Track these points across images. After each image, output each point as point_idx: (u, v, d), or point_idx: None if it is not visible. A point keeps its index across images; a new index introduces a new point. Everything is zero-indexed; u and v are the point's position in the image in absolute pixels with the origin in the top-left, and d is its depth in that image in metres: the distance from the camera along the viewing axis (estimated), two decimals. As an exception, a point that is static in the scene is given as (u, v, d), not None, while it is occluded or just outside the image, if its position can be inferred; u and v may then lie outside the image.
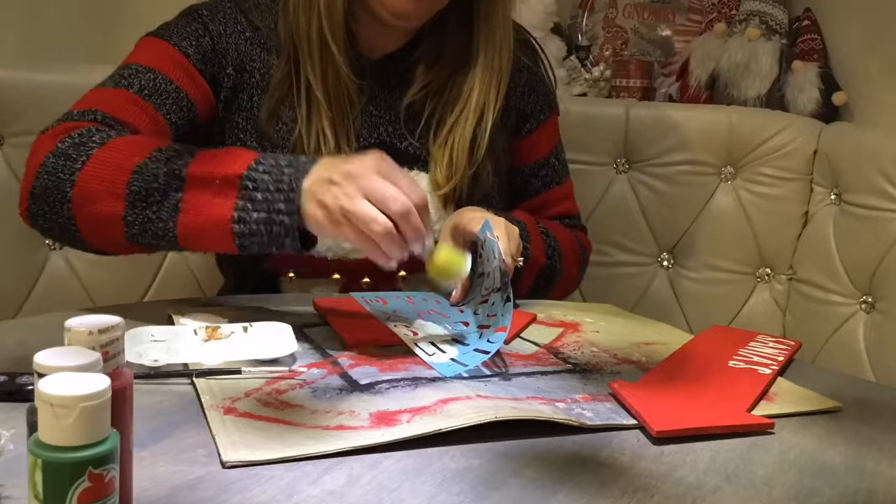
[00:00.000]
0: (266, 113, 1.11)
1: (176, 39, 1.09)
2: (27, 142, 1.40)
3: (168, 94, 1.04)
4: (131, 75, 1.05)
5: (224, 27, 1.12)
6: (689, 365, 0.93)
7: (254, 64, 1.12)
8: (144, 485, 0.58)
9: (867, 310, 1.39)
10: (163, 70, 1.05)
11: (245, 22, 1.14)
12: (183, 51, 1.08)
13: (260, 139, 1.11)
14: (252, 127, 1.12)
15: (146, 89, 1.04)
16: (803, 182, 1.52)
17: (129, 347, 0.81)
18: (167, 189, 0.88)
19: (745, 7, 1.79)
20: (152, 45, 1.09)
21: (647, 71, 1.84)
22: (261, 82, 1.12)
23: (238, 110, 1.12)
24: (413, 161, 1.15)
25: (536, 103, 1.26)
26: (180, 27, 1.11)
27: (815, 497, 0.66)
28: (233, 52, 1.11)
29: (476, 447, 0.69)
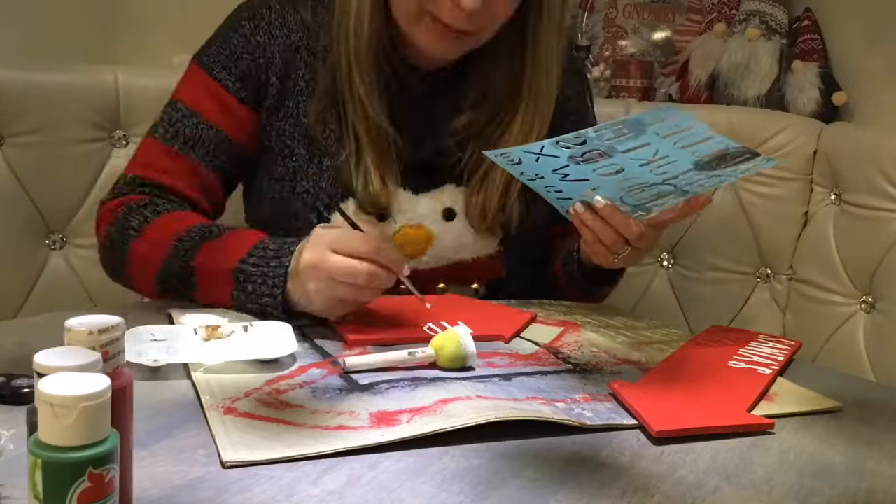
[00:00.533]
0: (313, 118, 1.10)
1: (217, 70, 1.11)
2: (27, 142, 1.41)
3: (209, 140, 1.11)
4: (177, 122, 1.12)
5: (269, 36, 1.11)
6: (689, 365, 0.93)
7: (298, 71, 1.12)
8: (144, 485, 0.58)
9: (867, 310, 1.39)
10: (204, 112, 1.11)
11: (294, 20, 1.12)
12: (222, 83, 1.11)
13: (308, 145, 1.11)
14: (299, 133, 1.11)
15: (189, 140, 1.11)
16: (803, 182, 1.52)
17: (128, 347, 0.81)
18: (183, 278, 1.02)
19: (745, 7, 1.79)
20: (197, 78, 1.13)
21: (647, 71, 1.84)
22: (306, 89, 1.11)
23: (285, 117, 1.12)
24: (460, 178, 1.13)
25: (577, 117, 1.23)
26: (221, 49, 1.12)
27: (815, 497, 0.66)
28: (277, 62, 1.11)
29: (476, 447, 0.69)
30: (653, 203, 0.92)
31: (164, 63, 1.61)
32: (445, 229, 1.13)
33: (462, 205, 1.13)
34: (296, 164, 1.11)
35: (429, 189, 1.13)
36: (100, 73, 1.45)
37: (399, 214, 1.11)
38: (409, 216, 1.12)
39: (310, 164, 1.11)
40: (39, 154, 1.41)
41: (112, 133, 1.46)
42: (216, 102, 1.11)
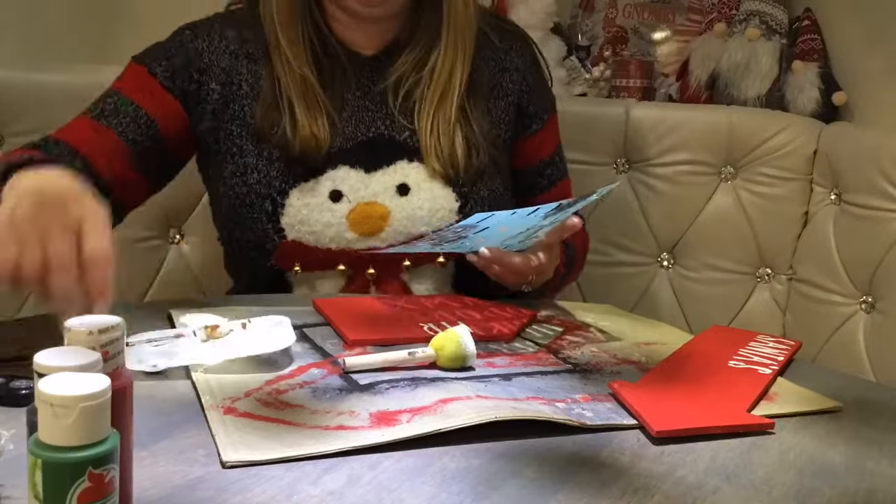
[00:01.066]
0: (259, 117, 1.16)
1: (148, 60, 1.17)
2: (27, 142, 1.41)
3: (126, 114, 1.14)
4: (100, 100, 1.16)
5: (208, 44, 1.18)
6: (689, 365, 0.93)
7: (241, 76, 1.17)
8: (144, 485, 0.58)
9: (867, 310, 1.39)
10: (126, 92, 1.16)
11: (232, 34, 1.19)
12: (151, 70, 1.16)
13: (256, 142, 1.15)
14: (247, 133, 1.16)
15: (106, 111, 1.14)
16: (803, 182, 1.52)
17: (128, 354, 0.81)
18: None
19: (745, 7, 1.79)
20: (129, 69, 1.19)
21: (647, 71, 1.84)
22: (250, 92, 1.17)
23: (231, 119, 1.17)
24: (412, 153, 1.17)
25: (540, 104, 1.28)
26: (159, 48, 1.19)
27: (815, 497, 0.66)
28: (216, 69, 1.17)
29: (476, 447, 0.69)
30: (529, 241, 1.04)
31: (164, 63, 1.61)
32: (400, 204, 1.15)
33: (414, 179, 1.16)
34: (245, 160, 1.15)
35: (380, 167, 1.16)
36: (100, 73, 1.45)
37: (352, 193, 1.14)
38: (363, 194, 1.15)
39: (259, 157, 1.15)
40: (39, 154, 1.41)
41: (112, 133, 1.46)
42: (139, 84, 1.16)
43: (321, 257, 1.14)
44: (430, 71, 1.19)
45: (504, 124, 1.24)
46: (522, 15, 1.67)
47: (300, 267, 1.15)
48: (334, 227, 1.13)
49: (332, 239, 1.14)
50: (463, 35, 1.19)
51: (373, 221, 1.14)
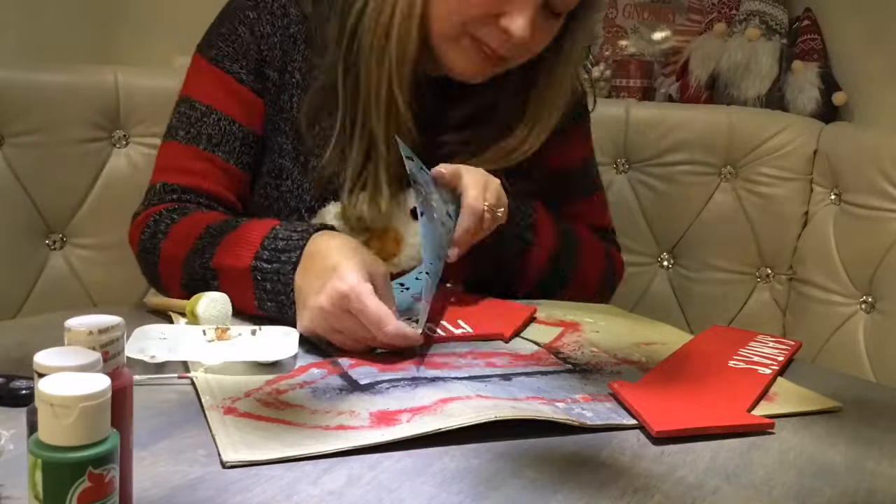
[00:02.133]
0: (305, 114, 1.08)
1: (228, 63, 1.09)
2: (27, 142, 1.41)
3: (234, 136, 1.08)
4: (197, 121, 1.08)
5: (271, 26, 1.09)
6: (689, 365, 0.93)
7: (295, 63, 1.10)
8: (144, 485, 0.58)
9: (867, 310, 1.39)
10: (223, 108, 1.08)
11: (294, 11, 1.10)
12: (236, 76, 1.08)
13: (295, 142, 1.09)
14: (290, 128, 1.09)
15: (214, 138, 1.07)
16: (803, 182, 1.52)
17: (133, 343, 0.82)
18: (206, 278, 0.97)
19: (745, 7, 1.79)
20: (207, 74, 1.09)
21: (647, 71, 1.84)
22: (301, 82, 1.09)
23: (279, 112, 1.10)
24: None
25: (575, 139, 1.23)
26: (228, 41, 1.09)
27: (815, 497, 0.66)
28: (276, 54, 1.09)
29: (476, 447, 0.69)
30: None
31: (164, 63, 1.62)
32: (413, 228, 1.10)
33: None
34: (282, 161, 1.09)
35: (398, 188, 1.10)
36: (100, 73, 1.46)
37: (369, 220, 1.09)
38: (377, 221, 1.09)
39: (296, 162, 1.09)
40: (39, 154, 1.41)
41: (112, 133, 1.46)
42: (233, 97, 1.08)
43: None
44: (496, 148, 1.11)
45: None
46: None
47: None
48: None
49: None
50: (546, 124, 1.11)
51: (387, 246, 1.09)
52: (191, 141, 1.07)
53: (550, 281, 1.17)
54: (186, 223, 1.02)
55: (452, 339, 0.95)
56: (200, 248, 0.97)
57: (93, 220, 1.46)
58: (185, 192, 1.07)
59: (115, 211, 1.43)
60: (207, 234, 0.98)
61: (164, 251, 1.02)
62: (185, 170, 1.07)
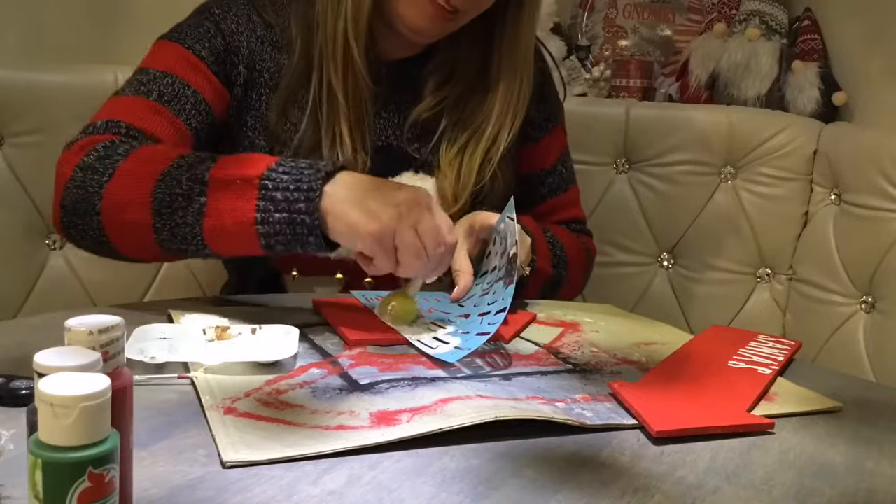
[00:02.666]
0: (276, 112, 1.11)
1: (190, 42, 1.09)
2: (27, 142, 1.41)
3: (187, 99, 1.06)
4: (150, 81, 1.06)
5: (236, 25, 1.12)
6: (689, 365, 0.93)
7: (264, 63, 1.12)
8: (144, 485, 0.58)
9: (867, 310, 1.39)
10: (180, 74, 1.06)
11: (257, 19, 1.14)
12: (197, 53, 1.09)
13: (268, 138, 1.11)
14: (261, 125, 1.12)
15: (165, 95, 1.05)
16: (803, 182, 1.52)
17: (134, 344, 0.82)
18: (190, 193, 0.90)
19: (745, 7, 1.79)
20: (167, 49, 1.10)
21: (647, 71, 1.84)
22: (270, 81, 1.12)
23: (248, 108, 1.12)
24: (420, 166, 1.16)
25: (545, 111, 1.28)
26: (193, 28, 1.11)
27: (815, 497, 0.66)
28: (244, 51, 1.12)
29: (476, 447, 0.69)
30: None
31: (164, 63, 1.61)
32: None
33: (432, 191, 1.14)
34: None
35: (386, 176, 1.11)
36: (100, 73, 1.45)
37: None
38: None
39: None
40: (39, 154, 1.41)
41: (112, 133, 1.46)
42: (191, 67, 1.08)
43: (320, 263, 1.12)
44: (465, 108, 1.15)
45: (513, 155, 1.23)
46: (522, 15, 1.66)
47: (297, 271, 1.14)
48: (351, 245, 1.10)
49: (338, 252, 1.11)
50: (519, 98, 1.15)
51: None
52: (140, 94, 1.04)
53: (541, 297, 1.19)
54: (156, 148, 0.97)
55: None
56: (188, 164, 0.91)
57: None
58: (131, 130, 1.01)
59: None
60: (194, 156, 0.93)
61: (122, 169, 0.93)
62: (132, 114, 1.03)
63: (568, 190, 1.32)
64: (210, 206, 0.89)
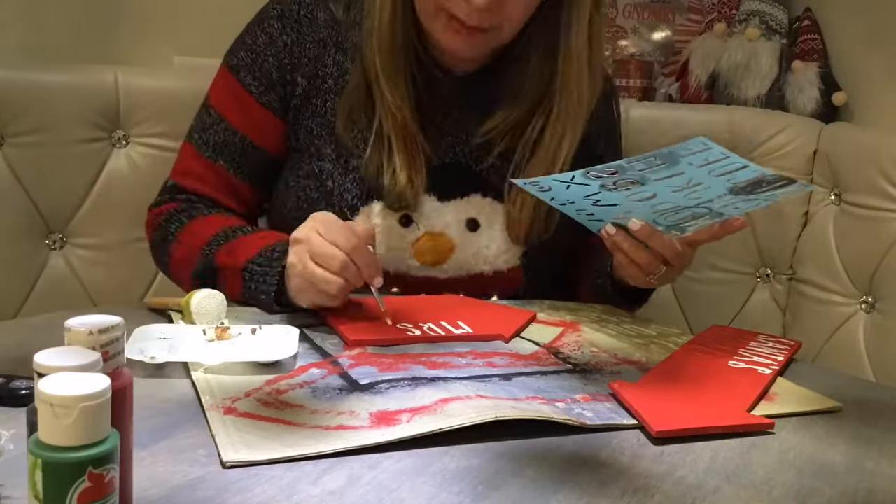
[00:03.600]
0: (341, 117, 1.11)
1: (242, 73, 1.13)
2: (27, 142, 1.41)
3: (235, 146, 1.13)
4: (206, 128, 1.15)
5: (296, 34, 1.12)
6: (689, 365, 0.93)
7: (326, 69, 1.12)
8: (144, 485, 0.58)
9: (867, 310, 1.39)
10: (230, 118, 1.13)
11: (323, 15, 1.13)
12: (247, 86, 1.12)
13: (335, 145, 1.11)
14: (327, 133, 1.12)
15: (217, 146, 1.14)
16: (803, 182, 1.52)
17: (134, 344, 0.82)
18: (212, 277, 1.06)
19: (745, 7, 1.79)
20: (223, 81, 1.15)
21: (647, 71, 1.84)
22: (334, 87, 1.12)
23: (312, 115, 1.12)
24: (487, 188, 1.14)
25: (610, 150, 1.25)
26: (248, 49, 1.13)
27: (815, 497, 0.66)
28: (304, 61, 1.12)
29: (476, 447, 0.69)
30: (687, 224, 0.93)
31: (164, 63, 1.61)
32: (468, 240, 1.13)
33: (486, 216, 1.13)
34: (322, 164, 1.12)
35: (454, 197, 1.13)
36: (100, 73, 1.45)
37: (423, 220, 1.11)
38: (433, 223, 1.12)
39: (336, 164, 1.11)
40: (39, 154, 1.41)
41: (112, 133, 1.46)
42: (241, 107, 1.13)
43: None
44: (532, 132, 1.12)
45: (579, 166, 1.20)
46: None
47: None
48: (398, 251, 1.11)
49: (392, 262, 1.11)
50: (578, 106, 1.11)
51: (438, 253, 1.12)
52: (200, 146, 1.15)
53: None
54: (195, 226, 1.11)
55: (452, 338, 0.95)
56: (208, 253, 1.07)
57: (93, 220, 1.45)
58: (188, 194, 1.16)
59: (115, 211, 1.43)
60: (214, 240, 1.08)
61: (172, 253, 1.12)
62: (191, 173, 1.15)
63: None
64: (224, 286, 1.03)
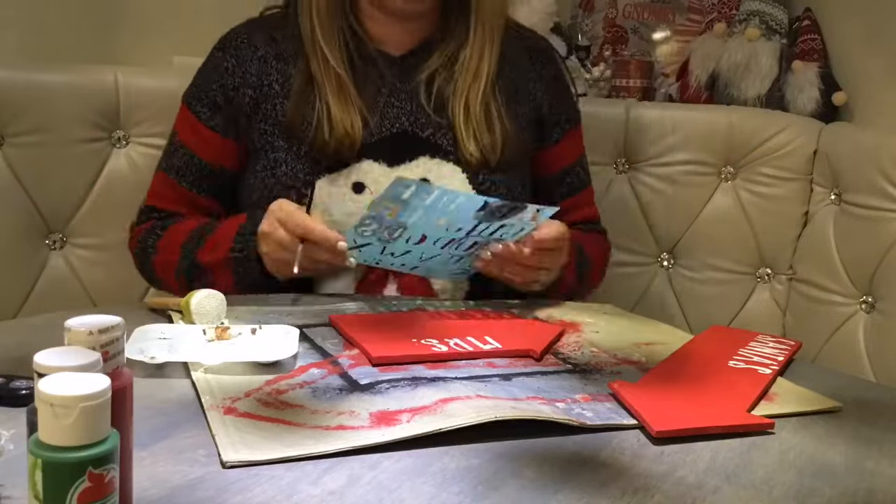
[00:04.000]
0: (291, 113, 1.20)
1: (193, 105, 1.25)
2: (27, 142, 1.41)
3: (195, 167, 1.25)
4: (171, 154, 1.27)
5: (236, 59, 1.24)
6: (689, 365, 0.93)
7: (270, 77, 1.23)
8: (144, 485, 0.58)
9: (867, 310, 1.39)
10: (187, 143, 1.25)
11: (260, 40, 1.24)
12: (197, 115, 1.24)
13: (287, 138, 1.20)
14: (278, 130, 1.21)
15: (180, 170, 1.25)
16: (803, 182, 1.52)
17: (134, 344, 0.82)
18: (199, 274, 1.17)
19: (745, 7, 1.79)
20: (182, 114, 1.27)
21: (647, 71, 1.84)
22: (280, 91, 1.22)
23: (264, 119, 1.22)
24: (435, 150, 1.20)
25: (562, 113, 1.32)
26: (197, 83, 1.26)
27: (815, 497, 0.66)
28: (248, 77, 1.23)
29: (476, 447, 0.69)
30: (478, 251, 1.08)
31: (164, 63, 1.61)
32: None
33: (435, 175, 1.19)
34: (276, 155, 1.20)
35: (403, 161, 1.19)
36: (100, 73, 1.45)
37: (374, 185, 1.17)
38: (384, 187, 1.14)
39: (288, 152, 1.20)
40: (39, 154, 1.41)
41: (112, 133, 1.46)
42: (195, 134, 1.24)
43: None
44: (461, 64, 1.23)
45: (526, 130, 1.27)
46: (523, 15, 1.66)
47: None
48: (356, 216, 1.12)
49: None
50: (490, 24, 1.23)
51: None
52: (168, 172, 1.27)
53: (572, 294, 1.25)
54: (169, 237, 1.23)
55: (481, 354, 0.91)
56: (189, 251, 1.18)
57: (93, 220, 1.45)
58: (159, 213, 1.27)
59: (115, 211, 1.43)
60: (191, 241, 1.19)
61: (155, 262, 1.23)
62: (164, 196, 1.27)
63: (583, 190, 1.36)
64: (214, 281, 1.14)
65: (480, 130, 1.21)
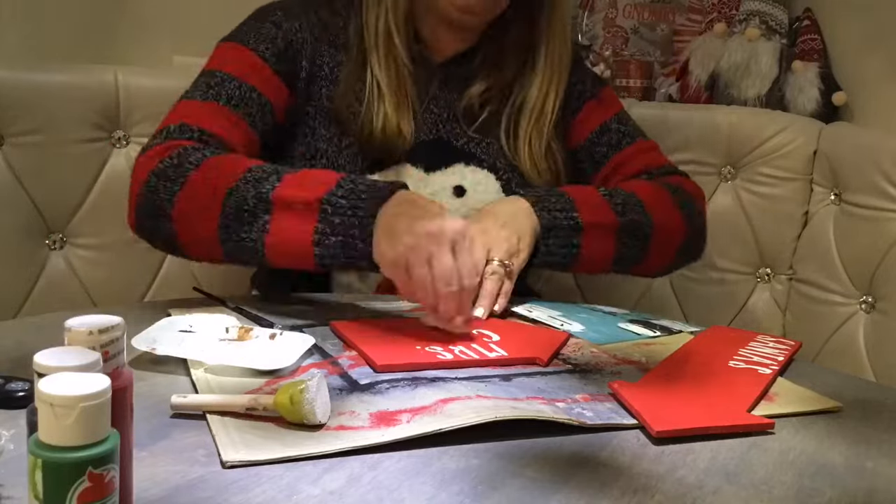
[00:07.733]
0: (338, 100, 1.17)
1: (253, 43, 1.14)
2: (27, 142, 1.41)
3: (253, 103, 1.11)
4: (217, 84, 1.11)
5: (299, 24, 1.18)
6: (689, 365, 0.93)
7: (323, 59, 1.18)
8: (144, 485, 0.58)
9: (867, 310, 1.39)
10: (245, 78, 1.11)
11: (314, 19, 1.19)
12: (261, 54, 1.14)
13: (329, 125, 1.17)
14: (322, 115, 1.17)
15: (234, 99, 1.10)
16: (803, 182, 1.52)
17: (149, 332, 0.82)
18: (256, 211, 0.95)
19: (745, 7, 1.79)
20: (232, 51, 1.15)
21: (647, 71, 1.84)
22: (330, 75, 1.18)
23: (309, 99, 1.18)
24: (469, 157, 1.21)
25: (579, 81, 1.32)
26: (255, 29, 1.16)
27: (815, 497, 0.66)
28: (307, 47, 1.18)
29: (476, 447, 0.69)
30: None
31: (164, 63, 1.62)
32: (456, 205, 1.19)
33: (470, 182, 1.20)
34: (317, 143, 1.17)
35: (439, 168, 1.20)
36: (100, 73, 1.45)
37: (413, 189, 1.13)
38: (421, 192, 1.15)
39: (330, 143, 1.16)
40: (39, 154, 1.41)
41: (112, 133, 1.46)
42: (256, 69, 1.12)
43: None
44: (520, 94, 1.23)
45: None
46: (522, 15, 1.66)
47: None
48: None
49: None
50: (560, 67, 1.23)
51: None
52: (209, 98, 1.09)
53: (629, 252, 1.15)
54: (224, 159, 1.00)
55: (486, 362, 0.88)
56: (255, 180, 0.96)
57: (93, 220, 1.45)
58: (203, 135, 1.05)
59: (115, 211, 1.42)
60: (260, 170, 0.97)
61: (193, 180, 0.98)
62: (203, 118, 1.07)
63: (633, 143, 1.31)
64: (273, 224, 0.94)
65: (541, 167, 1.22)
